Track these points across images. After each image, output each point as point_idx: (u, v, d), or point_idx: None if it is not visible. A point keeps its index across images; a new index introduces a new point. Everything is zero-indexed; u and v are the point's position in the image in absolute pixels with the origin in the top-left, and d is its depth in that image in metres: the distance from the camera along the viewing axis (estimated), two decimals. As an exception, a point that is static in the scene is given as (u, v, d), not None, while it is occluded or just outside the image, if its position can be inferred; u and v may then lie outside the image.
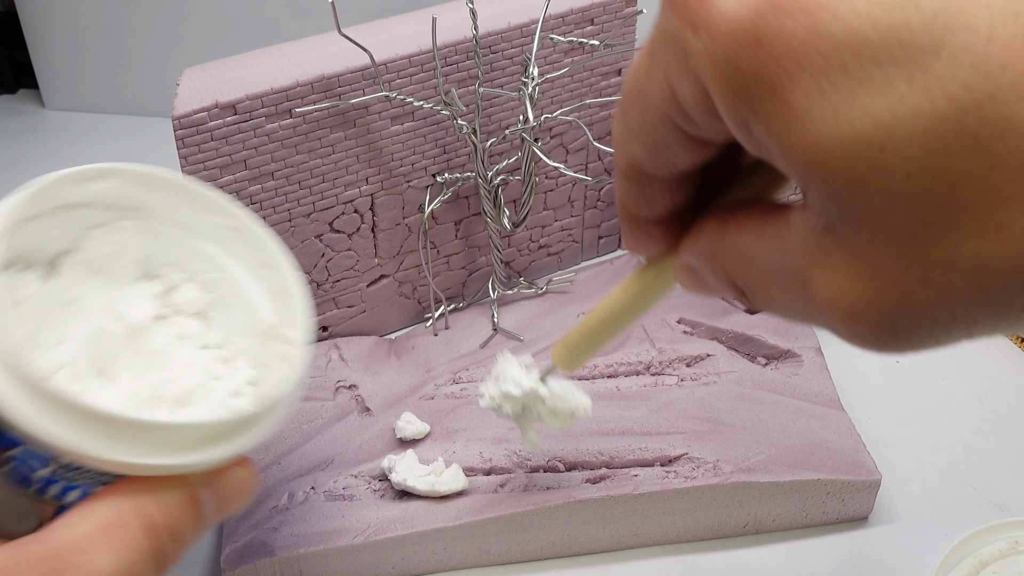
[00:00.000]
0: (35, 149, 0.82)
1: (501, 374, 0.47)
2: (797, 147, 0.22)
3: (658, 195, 0.29)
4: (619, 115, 0.29)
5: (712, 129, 0.25)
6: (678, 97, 0.25)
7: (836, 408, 0.55)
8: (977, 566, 0.49)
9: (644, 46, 0.26)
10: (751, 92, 0.22)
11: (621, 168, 0.30)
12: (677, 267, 0.31)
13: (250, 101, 0.51)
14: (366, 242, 0.59)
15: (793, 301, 0.25)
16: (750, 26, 0.22)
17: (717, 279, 0.29)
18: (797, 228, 0.24)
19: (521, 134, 0.56)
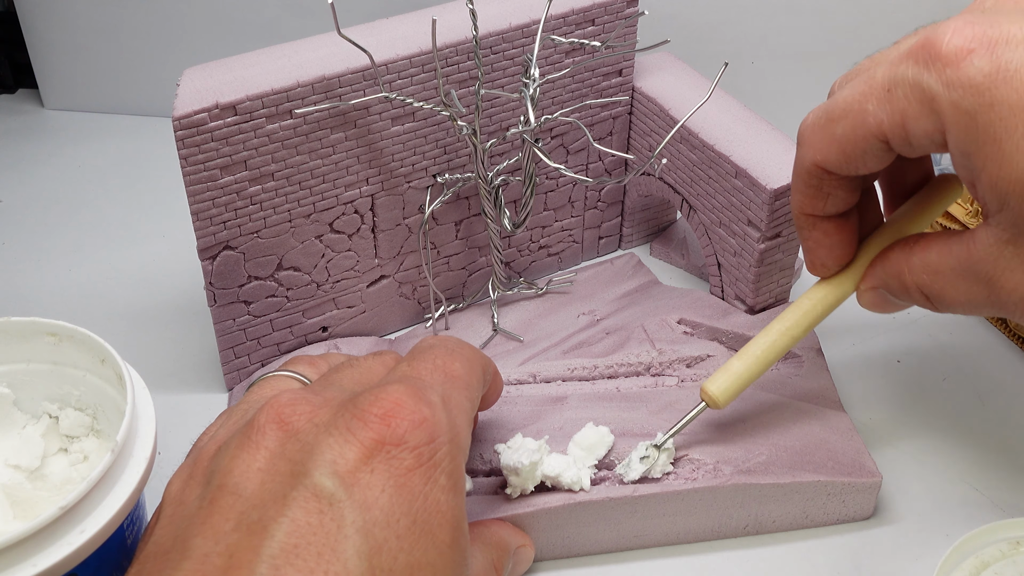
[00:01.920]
0: (34, 149, 0.82)
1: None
2: (1004, 179, 0.32)
3: (836, 191, 0.41)
4: (824, 124, 0.40)
5: (925, 151, 0.36)
6: (907, 127, 0.34)
7: (837, 409, 0.55)
8: (979, 566, 0.49)
9: (878, 82, 0.36)
10: (980, 138, 0.32)
11: (804, 169, 0.41)
12: (864, 291, 0.44)
13: (250, 102, 0.51)
14: (366, 243, 0.59)
15: (979, 296, 0.35)
16: (987, 93, 0.31)
17: (906, 291, 0.41)
18: (983, 241, 0.34)
19: (522, 135, 0.56)
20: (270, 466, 0.34)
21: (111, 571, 0.41)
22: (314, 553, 0.31)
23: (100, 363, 0.46)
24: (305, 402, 0.36)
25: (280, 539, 0.31)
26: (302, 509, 0.32)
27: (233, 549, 0.31)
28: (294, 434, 0.35)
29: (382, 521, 0.32)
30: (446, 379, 0.39)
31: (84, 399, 0.47)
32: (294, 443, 0.35)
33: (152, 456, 0.41)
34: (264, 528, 0.32)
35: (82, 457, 0.47)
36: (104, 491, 0.39)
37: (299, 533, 0.31)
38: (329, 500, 0.32)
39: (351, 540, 0.31)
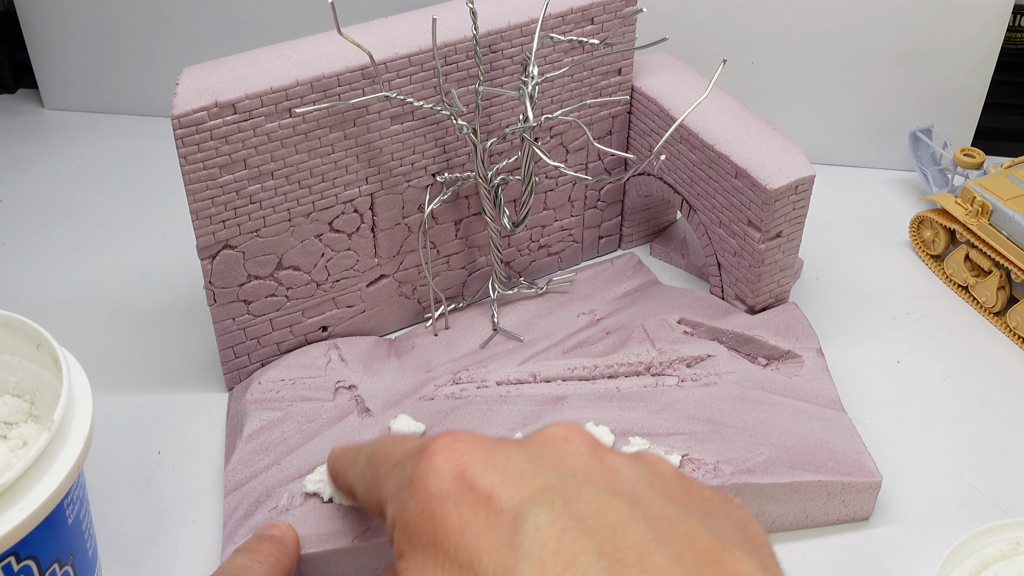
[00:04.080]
0: (34, 149, 0.82)
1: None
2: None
3: None
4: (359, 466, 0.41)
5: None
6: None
7: (837, 409, 0.55)
8: (978, 567, 0.48)
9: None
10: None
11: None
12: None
13: (250, 100, 0.51)
14: (366, 242, 0.59)
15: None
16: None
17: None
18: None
19: (521, 134, 0.56)
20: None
21: (52, 549, 0.41)
22: None
23: (36, 348, 0.46)
24: None
25: None
26: None
27: None
28: None
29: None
30: None
31: (21, 385, 0.48)
32: None
33: (89, 435, 0.42)
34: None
35: (21, 443, 0.47)
36: (42, 470, 0.39)
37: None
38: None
39: None
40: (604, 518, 0.29)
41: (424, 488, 0.31)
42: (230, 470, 0.52)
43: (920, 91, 0.75)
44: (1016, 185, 0.66)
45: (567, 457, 0.32)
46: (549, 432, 0.34)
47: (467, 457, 0.32)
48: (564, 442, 0.33)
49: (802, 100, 0.77)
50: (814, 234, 0.71)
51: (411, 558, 0.31)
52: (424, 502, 0.31)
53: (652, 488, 0.32)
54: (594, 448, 0.33)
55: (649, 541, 0.28)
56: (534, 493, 0.30)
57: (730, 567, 0.29)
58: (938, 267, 0.69)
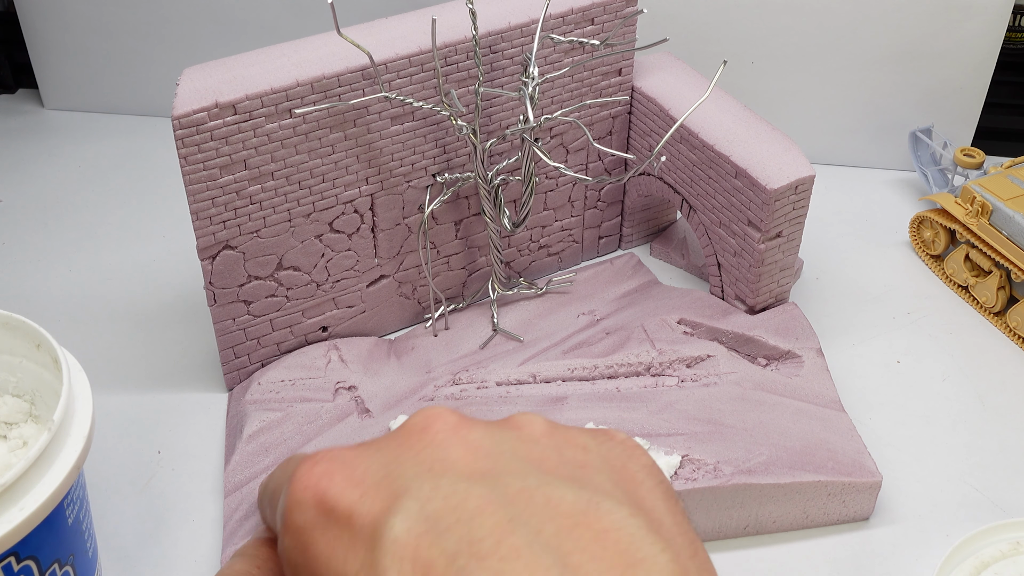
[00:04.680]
0: (34, 149, 0.82)
1: None
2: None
3: None
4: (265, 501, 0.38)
5: None
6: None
7: (837, 409, 0.55)
8: (978, 567, 0.48)
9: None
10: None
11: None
12: None
13: (250, 101, 0.51)
14: (366, 242, 0.59)
15: None
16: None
17: None
18: None
19: (521, 134, 0.56)
20: None
21: (52, 549, 0.41)
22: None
23: (36, 348, 0.46)
24: None
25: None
26: None
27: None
28: None
29: None
30: None
31: (21, 385, 0.48)
32: None
33: (89, 435, 0.42)
34: None
35: (21, 443, 0.47)
36: (42, 470, 0.40)
37: None
38: None
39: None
40: (459, 511, 0.28)
41: (292, 524, 0.31)
42: (230, 471, 0.52)
43: (920, 91, 0.75)
44: (1016, 185, 0.66)
45: (425, 449, 0.31)
46: (409, 424, 0.33)
47: (324, 481, 0.31)
48: (423, 433, 0.32)
49: (802, 100, 0.77)
50: (814, 234, 0.71)
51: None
52: (295, 537, 0.31)
53: (516, 457, 0.31)
54: (455, 429, 0.32)
55: (506, 523, 0.28)
56: (391, 502, 0.29)
57: (596, 523, 0.28)
58: (938, 267, 0.69)
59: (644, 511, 0.29)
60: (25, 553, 0.39)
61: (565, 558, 0.27)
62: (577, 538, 0.28)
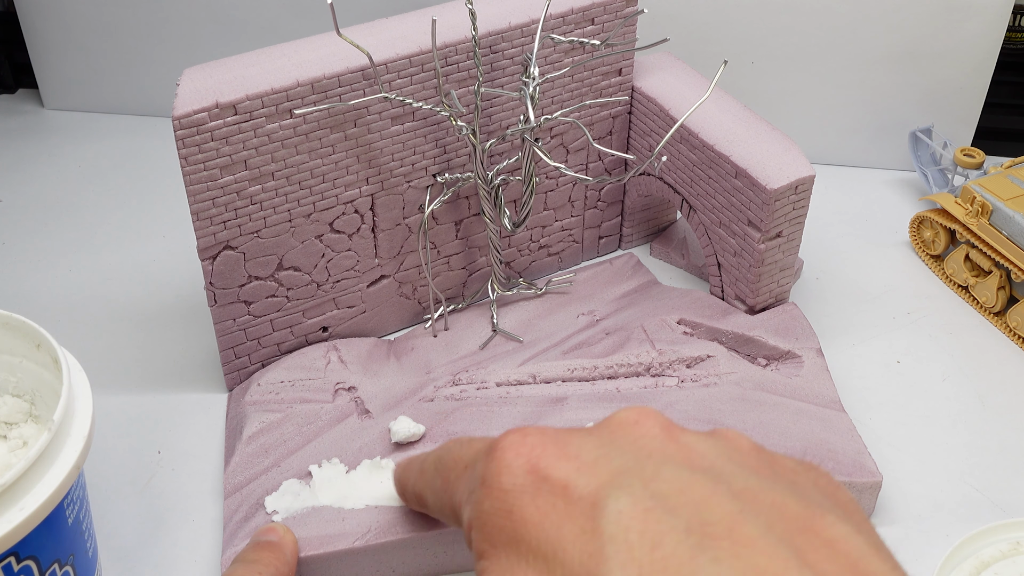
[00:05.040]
0: (34, 149, 0.82)
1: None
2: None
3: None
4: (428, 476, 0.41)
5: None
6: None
7: (837, 409, 0.55)
8: (978, 567, 0.48)
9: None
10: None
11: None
12: None
13: (250, 101, 0.51)
14: (366, 242, 0.59)
15: None
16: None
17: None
18: None
19: (522, 134, 0.56)
20: None
21: (52, 549, 0.41)
22: None
23: (36, 348, 0.46)
24: None
25: None
26: None
27: None
28: None
29: None
30: None
31: (21, 385, 0.48)
32: None
33: (89, 435, 0.42)
34: None
35: (21, 443, 0.47)
36: (42, 470, 0.40)
37: None
38: None
39: None
40: (686, 495, 0.29)
41: (498, 486, 0.31)
42: (230, 472, 0.52)
43: (920, 91, 0.75)
44: (1016, 185, 0.66)
45: (640, 439, 0.32)
46: (619, 417, 0.34)
47: (538, 450, 0.31)
48: (635, 426, 0.33)
49: (802, 100, 0.77)
50: (814, 234, 0.71)
51: (492, 557, 0.31)
52: (500, 499, 0.31)
53: (732, 462, 0.31)
54: (667, 428, 0.33)
55: (736, 514, 0.28)
56: (611, 477, 0.30)
57: (823, 532, 0.28)
58: (938, 267, 0.69)
59: (863, 533, 0.29)
60: (25, 553, 0.39)
61: (801, 555, 0.27)
62: (808, 541, 0.28)
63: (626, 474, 0.30)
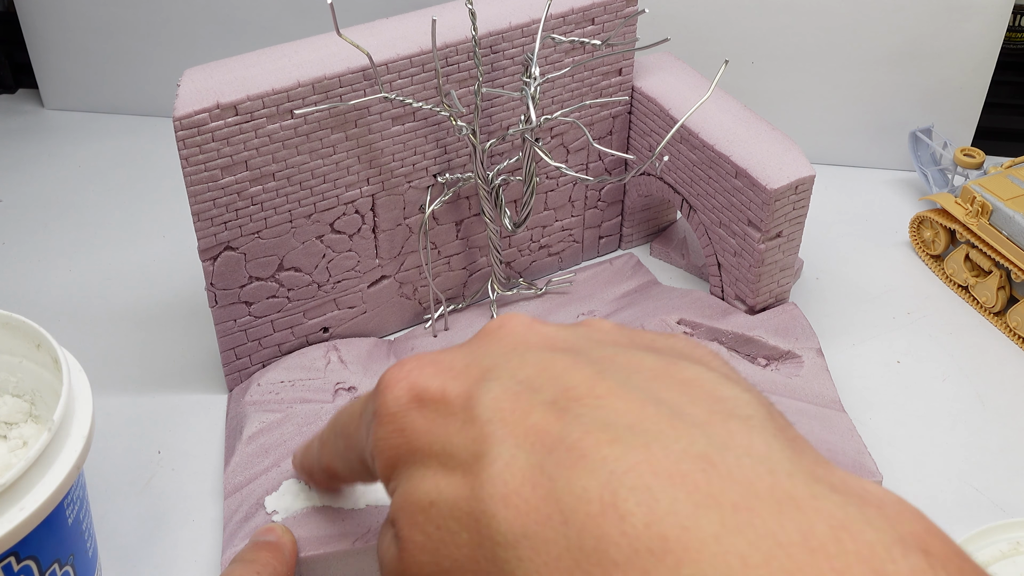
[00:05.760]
0: (34, 149, 0.82)
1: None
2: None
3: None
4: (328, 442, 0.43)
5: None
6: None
7: (837, 409, 0.55)
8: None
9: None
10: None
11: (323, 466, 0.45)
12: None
13: (251, 102, 0.51)
14: (367, 243, 0.59)
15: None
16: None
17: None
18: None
19: (523, 134, 0.56)
20: None
21: (52, 549, 0.41)
22: None
23: (36, 348, 0.46)
24: None
25: None
26: None
27: None
28: None
29: None
30: None
31: (21, 385, 0.48)
32: None
33: (89, 435, 0.42)
34: None
35: (21, 443, 0.47)
36: (42, 470, 0.40)
37: None
38: None
39: None
40: (548, 372, 0.31)
41: (387, 411, 0.34)
42: (230, 472, 0.52)
43: (920, 91, 0.75)
44: (1016, 185, 0.66)
45: (505, 338, 0.35)
46: (487, 326, 0.36)
47: (415, 372, 0.34)
48: (500, 328, 0.36)
49: (802, 100, 0.77)
50: (814, 234, 0.72)
51: (398, 476, 0.33)
52: (390, 422, 0.34)
53: (591, 341, 0.34)
54: (529, 324, 0.36)
55: (595, 375, 0.30)
56: (480, 375, 0.32)
57: (678, 375, 0.31)
58: (938, 267, 0.70)
59: (717, 370, 0.32)
60: (25, 553, 0.39)
61: (657, 395, 0.29)
62: (663, 384, 0.30)
63: (494, 369, 0.32)
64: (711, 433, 0.27)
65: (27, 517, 0.38)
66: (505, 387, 0.31)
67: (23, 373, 0.48)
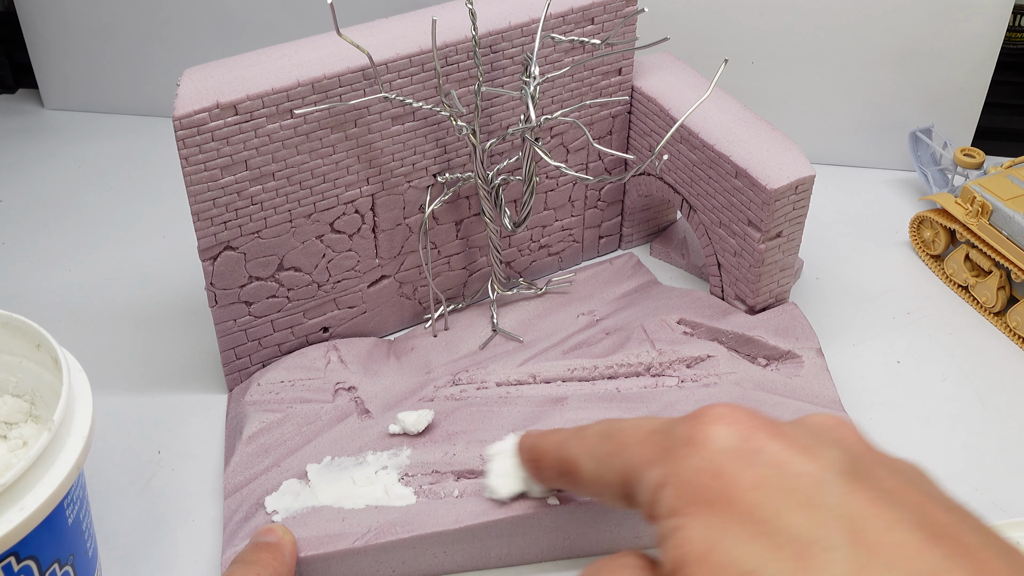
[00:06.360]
0: (34, 149, 0.82)
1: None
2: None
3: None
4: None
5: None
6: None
7: (837, 409, 0.55)
8: (978, 567, 0.48)
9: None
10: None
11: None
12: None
13: (251, 101, 0.51)
14: (367, 242, 0.59)
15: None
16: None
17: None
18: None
19: (522, 134, 0.56)
20: None
21: (52, 549, 0.41)
22: None
23: (36, 348, 0.46)
24: None
25: None
26: None
27: None
28: None
29: None
30: None
31: (21, 385, 0.48)
32: None
33: (89, 435, 0.42)
34: None
35: (21, 443, 0.47)
36: (42, 470, 0.40)
37: None
38: None
39: None
40: (907, 496, 0.29)
41: (710, 446, 0.32)
42: (230, 472, 0.52)
43: (920, 91, 0.75)
44: (1016, 185, 0.66)
45: (844, 440, 0.33)
46: (817, 419, 0.34)
47: (750, 423, 0.32)
48: (836, 428, 0.34)
49: (802, 100, 0.77)
50: (814, 234, 0.72)
51: (692, 515, 0.31)
52: (709, 460, 0.31)
53: (923, 489, 0.32)
54: (863, 439, 0.34)
55: (957, 523, 0.28)
56: (827, 462, 0.30)
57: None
58: (938, 267, 0.70)
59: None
60: (25, 553, 0.39)
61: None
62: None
63: (841, 463, 0.30)
64: None
65: (27, 517, 0.38)
66: (862, 488, 0.29)
67: (23, 373, 0.48)
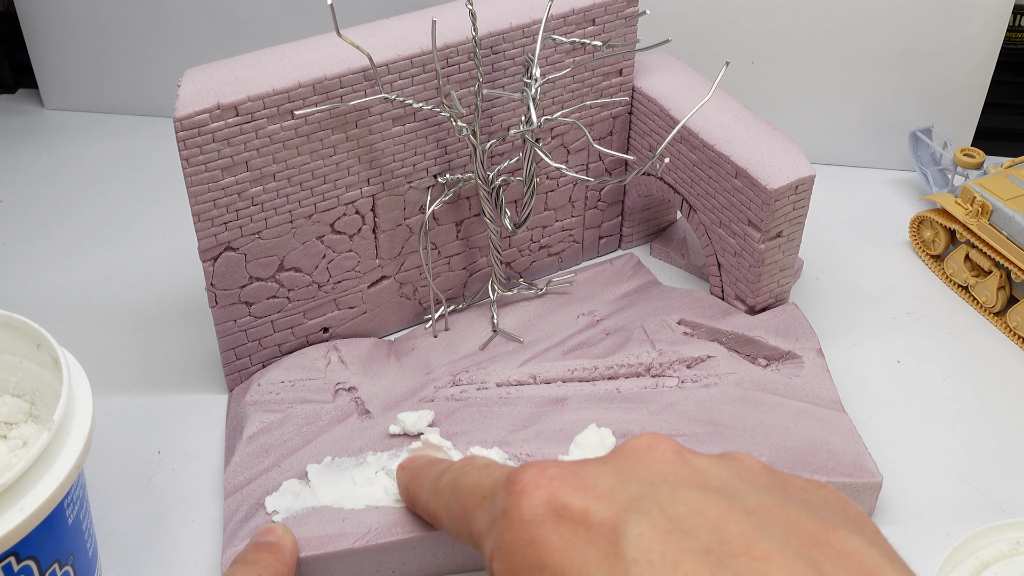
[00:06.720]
0: (34, 149, 0.82)
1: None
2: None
3: None
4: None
5: None
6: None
7: (837, 409, 0.55)
8: (978, 567, 0.49)
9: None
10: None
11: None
12: None
13: (251, 102, 0.51)
14: (367, 243, 0.59)
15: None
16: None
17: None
18: None
19: (523, 135, 0.56)
20: None
21: (52, 549, 0.41)
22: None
23: (36, 348, 0.46)
24: None
25: None
26: None
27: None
28: None
29: None
30: None
31: (21, 385, 0.48)
32: None
33: (89, 435, 0.42)
34: None
35: (21, 443, 0.47)
36: (42, 470, 0.40)
37: None
38: None
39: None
40: (702, 516, 0.30)
41: (519, 517, 0.33)
42: (230, 472, 0.52)
43: (920, 91, 0.75)
44: (1016, 185, 0.66)
45: (654, 464, 0.33)
46: (631, 445, 0.35)
47: (556, 482, 0.33)
48: (647, 451, 0.34)
49: (802, 100, 0.77)
50: (814, 234, 0.72)
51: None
52: (521, 530, 0.32)
53: (744, 482, 0.32)
54: (678, 452, 0.34)
55: (753, 530, 0.29)
56: (628, 503, 0.31)
57: (837, 545, 0.29)
58: (938, 267, 0.70)
59: (876, 545, 0.30)
60: (25, 553, 0.40)
61: (817, 567, 0.28)
62: (823, 553, 0.29)
63: (643, 499, 0.31)
64: None
65: (27, 517, 0.38)
66: (654, 524, 0.29)
67: (23, 373, 0.48)
